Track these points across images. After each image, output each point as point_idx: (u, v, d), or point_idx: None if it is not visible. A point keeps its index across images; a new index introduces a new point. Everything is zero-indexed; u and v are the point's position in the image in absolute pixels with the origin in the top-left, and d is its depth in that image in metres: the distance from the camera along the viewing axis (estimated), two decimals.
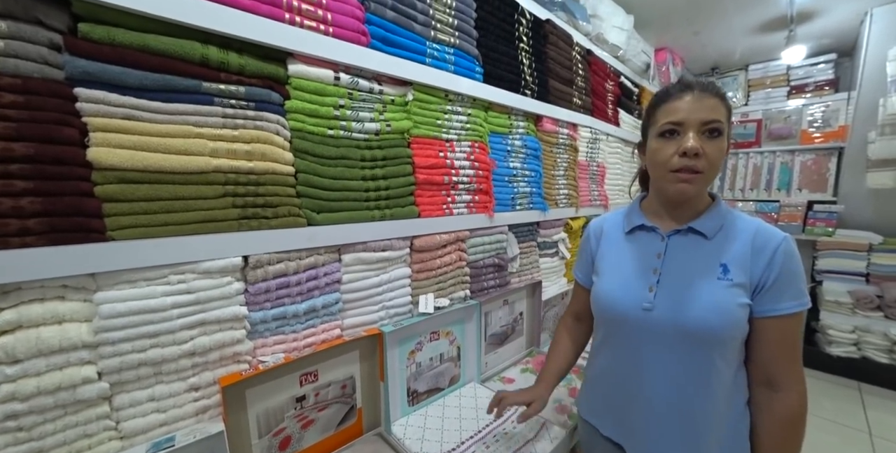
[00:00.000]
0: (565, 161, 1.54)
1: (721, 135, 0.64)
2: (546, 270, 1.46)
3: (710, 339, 0.64)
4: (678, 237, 0.71)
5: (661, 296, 0.68)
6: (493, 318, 1.22)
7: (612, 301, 0.74)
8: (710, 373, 0.65)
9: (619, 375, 0.75)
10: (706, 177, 0.64)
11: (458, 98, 1.09)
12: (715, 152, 0.63)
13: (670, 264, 0.70)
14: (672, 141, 0.65)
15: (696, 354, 0.65)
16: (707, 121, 0.63)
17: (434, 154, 1.03)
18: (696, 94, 0.64)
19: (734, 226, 0.68)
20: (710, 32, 2.51)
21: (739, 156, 3.09)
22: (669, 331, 0.66)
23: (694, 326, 0.64)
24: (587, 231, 0.88)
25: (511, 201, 1.27)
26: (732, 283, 0.63)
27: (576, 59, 1.58)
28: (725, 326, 0.62)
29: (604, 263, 0.80)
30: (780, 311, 0.62)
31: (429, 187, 1.02)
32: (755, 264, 0.63)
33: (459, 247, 1.11)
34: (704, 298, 0.64)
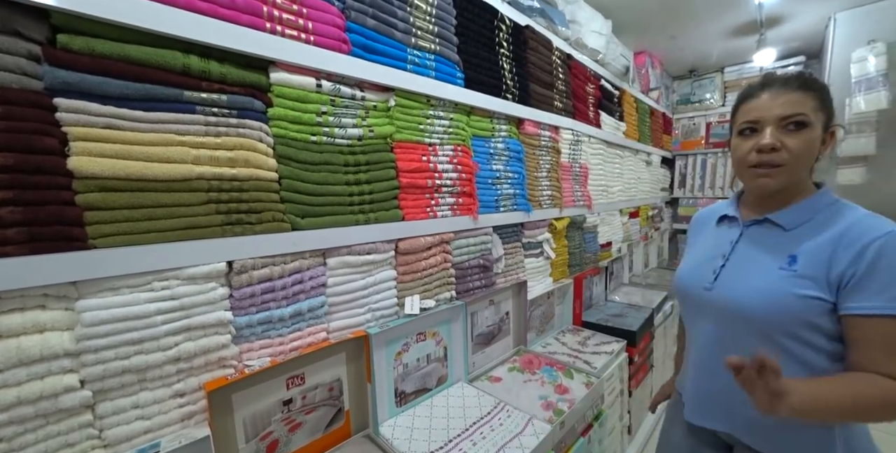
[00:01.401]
0: (548, 163, 1.57)
1: (806, 127, 0.64)
2: (531, 270, 1.49)
3: (755, 322, 0.67)
4: (755, 227, 0.75)
5: (721, 279, 0.74)
6: (479, 318, 1.24)
7: (682, 280, 0.82)
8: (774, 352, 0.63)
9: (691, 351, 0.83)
10: (789, 169, 0.66)
11: (440, 103, 1.11)
12: (798, 144, 0.64)
13: (739, 251, 0.75)
14: (750, 138, 0.69)
15: (744, 331, 0.69)
16: (785, 116, 0.65)
17: (417, 158, 1.05)
18: (774, 91, 0.67)
19: (831, 219, 0.66)
20: (685, 36, 2.59)
21: (718, 156, 3.19)
22: (719, 309, 0.72)
23: (737, 308, 0.69)
24: (691, 221, 0.96)
25: (495, 203, 1.30)
26: (796, 274, 0.64)
27: (556, 64, 1.62)
28: (770, 312, 0.64)
29: (689, 250, 0.91)
30: (863, 310, 0.59)
31: (412, 191, 1.04)
32: (838, 258, 0.61)
33: (444, 249, 1.13)
34: (755, 284, 0.68)
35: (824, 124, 0.66)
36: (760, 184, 0.69)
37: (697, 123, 3.30)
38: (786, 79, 0.68)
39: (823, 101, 0.66)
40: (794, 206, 0.71)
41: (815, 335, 0.63)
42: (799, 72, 0.69)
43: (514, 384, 1.19)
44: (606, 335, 1.62)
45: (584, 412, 1.11)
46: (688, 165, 3.35)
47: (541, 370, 1.27)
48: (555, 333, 1.65)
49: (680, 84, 3.44)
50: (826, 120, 0.67)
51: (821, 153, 0.68)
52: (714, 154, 3.20)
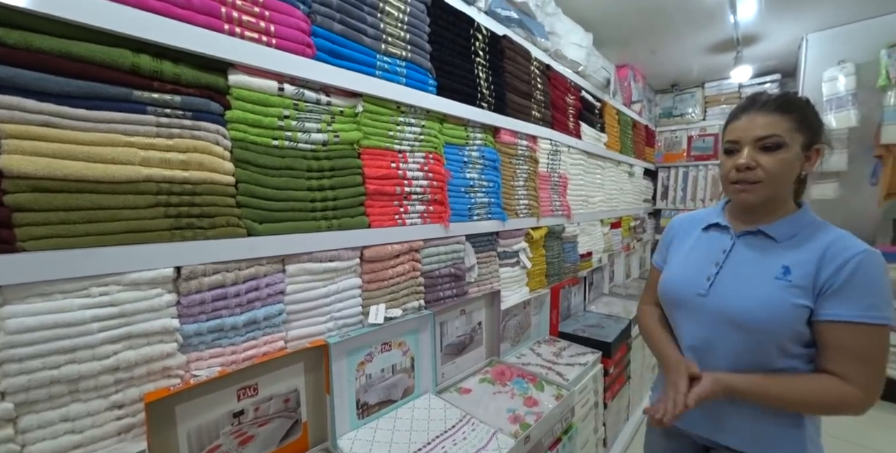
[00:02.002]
0: (525, 172, 1.58)
1: (780, 148, 0.69)
2: (506, 280, 1.48)
3: (753, 328, 0.71)
4: (748, 237, 0.79)
5: (716, 285, 0.78)
6: (449, 328, 1.22)
7: (673, 285, 0.85)
8: (747, 355, 0.73)
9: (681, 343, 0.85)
10: (766, 186, 0.71)
11: (410, 110, 1.10)
12: (772, 163, 0.70)
13: (733, 259, 0.78)
14: (732, 157, 0.75)
15: (745, 337, 0.73)
16: (759, 137, 0.70)
17: (385, 165, 1.04)
18: (752, 114, 0.72)
19: (813, 235, 0.72)
20: (666, 51, 2.66)
21: (699, 169, 3.25)
22: (714, 315, 0.76)
23: (737, 314, 0.72)
24: (670, 223, 0.99)
25: (468, 211, 1.29)
26: (791, 284, 0.69)
27: (534, 74, 1.64)
28: (769, 319, 0.69)
29: (675, 254, 0.91)
30: (836, 317, 0.65)
31: (380, 198, 1.03)
32: (822, 270, 0.67)
33: (413, 258, 1.12)
34: (755, 292, 0.72)
35: (805, 143, 0.71)
36: (740, 198, 0.75)
37: (679, 136, 3.37)
38: (765, 101, 0.72)
39: (803, 121, 0.70)
40: (784, 221, 0.75)
41: (793, 343, 0.70)
42: (783, 94, 0.73)
43: (484, 396, 1.17)
44: (582, 346, 1.61)
45: (551, 425, 1.09)
46: (670, 177, 3.40)
47: (512, 381, 1.25)
48: (530, 343, 1.64)
49: (662, 98, 3.52)
50: (807, 139, 0.71)
51: (804, 169, 0.73)
52: (695, 167, 3.26)
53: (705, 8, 2.07)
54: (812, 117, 0.72)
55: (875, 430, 1.89)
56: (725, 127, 0.79)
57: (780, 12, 2.16)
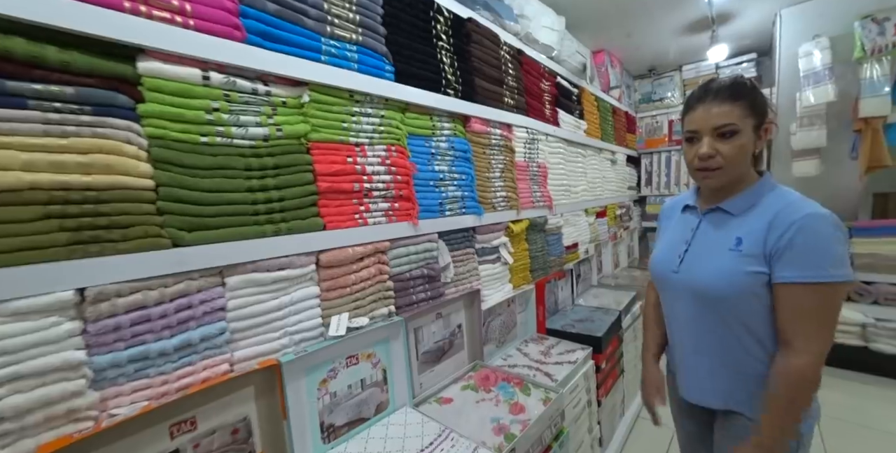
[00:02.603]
0: (501, 162, 1.49)
1: (736, 134, 0.74)
2: (487, 278, 1.39)
3: (716, 298, 0.77)
4: (711, 215, 0.85)
5: (685, 262, 0.84)
6: (425, 334, 1.13)
7: (655, 266, 0.93)
8: (723, 326, 0.79)
9: (668, 326, 0.94)
10: (726, 170, 0.77)
11: (366, 98, 1.00)
12: (730, 150, 0.75)
13: (699, 237, 0.85)
14: (693, 145, 0.80)
15: (710, 308, 0.79)
16: (717, 126, 0.75)
17: (340, 160, 0.94)
18: (706, 104, 0.76)
19: (769, 204, 0.76)
20: (641, 34, 2.59)
21: (682, 153, 3.20)
22: (687, 289, 0.83)
23: (701, 286, 0.79)
24: (661, 208, 1.04)
25: (439, 207, 1.20)
26: (742, 254, 0.74)
27: (505, 59, 1.55)
28: (728, 288, 0.75)
29: (660, 236, 1.00)
30: (783, 279, 0.70)
31: (335, 196, 0.93)
32: (769, 237, 0.72)
33: (379, 260, 1.02)
34: (713, 264, 0.78)
35: (755, 125, 0.76)
36: (705, 184, 0.83)
37: (660, 121, 3.32)
38: (717, 91, 0.76)
39: (753, 106, 0.75)
40: (740, 195, 0.81)
41: (757, 304, 0.74)
42: (731, 80, 0.77)
43: (466, 405, 1.08)
44: (571, 342, 1.54)
45: (540, 433, 1.01)
46: (653, 163, 3.36)
47: (497, 387, 1.17)
48: (517, 343, 1.56)
49: (641, 83, 3.47)
50: (757, 121, 0.76)
51: (756, 147, 0.78)
52: (678, 151, 3.22)
53: None
54: (759, 100, 0.76)
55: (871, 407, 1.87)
56: (683, 116, 0.83)
57: None
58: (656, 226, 1.06)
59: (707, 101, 0.77)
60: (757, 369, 0.77)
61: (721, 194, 0.83)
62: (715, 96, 0.76)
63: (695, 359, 0.86)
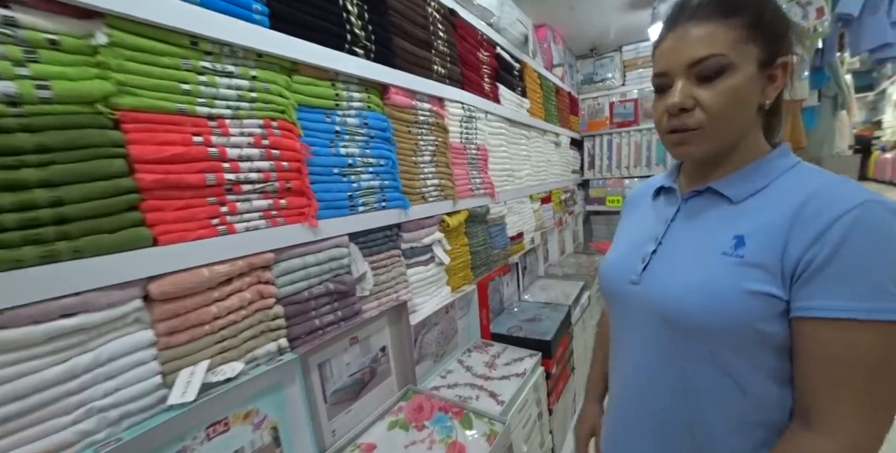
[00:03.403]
0: (431, 144, 1.24)
1: (726, 72, 0.47)
2: (418, 284, 1.16)
3: (692, 328, 0.49)
4: (696, 200, 0.58)
5: (651, 269, 0.56)
6: (334, 368, 0.88)
7: (606, 272, 0.65)
8: (696, 373, 0.50)
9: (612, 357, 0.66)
10: (711, 132, 0.50)
11: (222, 50, 0.69)
12: (715, 98, 0.48)
13: (675, 231, 0.57)
14: (663, 96, 0.53)
15: (680, 343, 0.51)
16: (692, 62, 0.49)
17: (179, 139, 0.63)
18: (682, 28, 0.50)
19: (788, 188, 0.49)
20: (584, 7, 2.43)
21: (622, 136, 3.18)
22: (648, 310, 0.55)
23: (670, 308, 0.51)
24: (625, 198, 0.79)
25: (349, 201, 0.93)
26: (743, 261, 0.47)
27: (434, 18, 1.28)
28: (712, 315, 0.47)
29: (619, 232, 0.72)
30: (820, 313, 0.41)
31: (175, 194, 0.63)
32: (795, 239, 0.43)
33: (259, 279, 0.74)
34: (694, 275, 0.50)
35: (763, 57, 0.49)
36: (680, 153, 0.54)
37: (601, 103, 3.26)
38: (696, 5, 0.49)
39: (758, 25, 0.48)
40: (743, 171, 0.53)
41: (759, 346, 0.46)
42: None
43: (393, 451, 0.86)
44: (519, 348, 1.37)
45: None
46: (595, 146, 3.31)
47: (432, 420, 0.96)
48: (459, 354, 1.36)
49: (583, 63, 3.36)
50: (766, 50, 0.48)
51: (766, 97, 0.51)
52: (619, 134, 3.19)
53: None
54: (771, 16, 0.48)
55: None
56: (654, 53, 0.56)
57: None
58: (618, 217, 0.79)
59: (682, 22, 0.50)
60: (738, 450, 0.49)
61: (713, 169, 0.56)
62: (695, 12, 0.49)
63: (638, 416, 0.58)
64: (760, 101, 0.50)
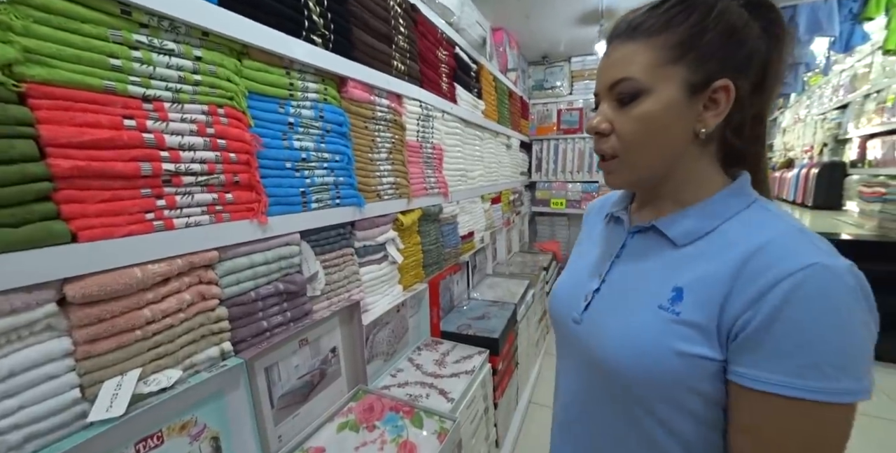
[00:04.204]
0: (388, 141, 1.22)
1: (639, 98, 0.44)
2: (371, 283, 1.14)
3: (623, 384, 0.47)
4: (640, 237, 0.53)
5: (591, 310, 0.53)
6: (282, 372, 0.84)
7: (553, 302, 0.61)
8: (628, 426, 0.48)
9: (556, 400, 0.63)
10: (626, 161, 0.48)
11: (160, 24, 0.62)
12: (627, 125, 0.46)
13: (618, 271, 0.53)
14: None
15: (611, 397, 0.49)
16: (610, 84, 0.46)
17: (107, 122, 0.56)
18: (610, 47, 0.48)
19: (736, 232, 0.44)
20: (538, 18, 2.54)
21: (568, 142, 3.38)
22: (585, 356, 0.52)
23: (601, 358, 0.48)
24: (586, 209, 0.73)
25: (302, 197, 0.88)
26: (678, 319, 0.43)
27: (395, 12, 1.25)
28: (640, 371, 0.44)
29: (574, 251, 0.68)
30: (750, 383, 0.38)
31: (97, 183, 0.55)
32: (734, 298, 0.40)
33: (200, 279, 0.68)
34: (626, 327, 0.47)
35: (694, 80, 0.43)
36: (608, 182, 0.52)
37: (550, 110, 3.43)
38: (629, 21, 0.46)
39: (687, 44, 0.43)
40: (692, 210, 0.48)
41: (695, 400, 0.43)
42: (642, 10, 0.46)
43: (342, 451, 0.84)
44: (468, 346, 1.41)
45: None
46: (543, 150, 3.48)
47: (382, 420, 0.95)
48: (409, 352, 1.37)
49: (534, 69, 3.51)
50: (697, 73, 0.43)
51: (705, 124, 0.45)
52: (564, 140, 3.38)
53: None
54: (715, 32, 0.42)
55: None
56: None
57: None
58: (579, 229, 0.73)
59: (613, 41, 0.48)
60: None
61: (662, 202, 0.51)
62: (624, 31, 0.46)
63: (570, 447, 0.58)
64: (696, 129, 0.45)
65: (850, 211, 2.62)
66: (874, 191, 2.14)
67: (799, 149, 5.79)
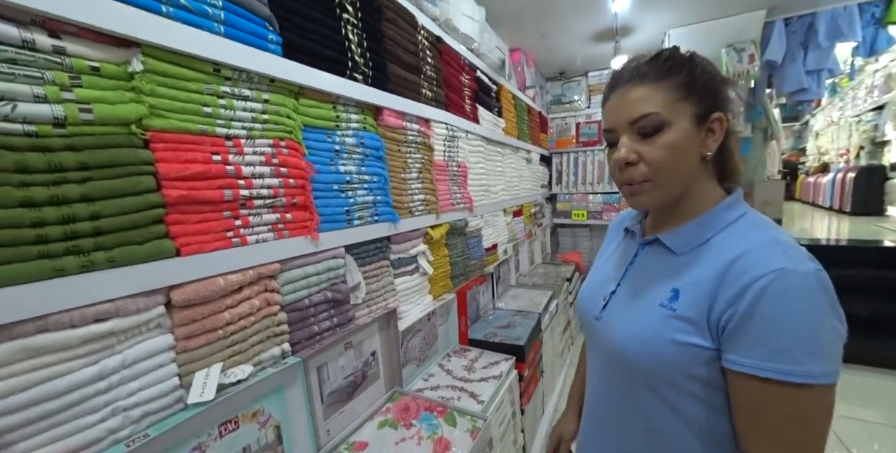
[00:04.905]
0: (418, 161, 1.33)
1: (663, 128, 0.53)
2: (405, 292, 1.24)
3: (631, 369, 0.57)
4: (649, 248, 0.64)
5: (609, 309, 0.63)
6: (331, 371, 0.94)
7: (579, 303, 0.72)
8: (643, 406, 0.57)
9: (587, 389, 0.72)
10: (658, 184, 0.55)
11: (241, 76, 0.76)
12: (656, 153, 0.53)
13: (630, 276, 0.64)
14: (613, 150, 0.58)
15: (627, 383, 0.59)
16: (632, 120, 0.54)
17: (202, 158, 0.69)
18: (620, 91, 0.56)
19: (726, 241, 0.53)
20: (554, 37, 2.65)
21: (587, 154, 3.43)
22: (605, 348, 0.62)
23: (614, 347, 0.59)
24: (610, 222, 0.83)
25: (346, 215, 1.00)
26: (674, 314, 0.53)
27: (423, 45, 1.38)
28: (646, 360, 0.54)
29: (596, 260, 0.79)
30: (733, 366, 0.47)
31: (196, 208, 0.68)
32: (720, 297, 0.49)
33: (266, 288, 0.79)
34: (634, 322, 0.57)
35: (698, 114, 0.54)
36: (634, 203, 0.59)
37: (569, 123, 3.50)
38: (633, 69, 0.55)
39: (689, 85, 0.53)
40: (688, 225, 0.58)
41: (694, 384, 0.52)
42: (654, 55, 0.56)
43: (384, 449, 0.93)
44: (495, 353, 1.48)
45: None
46: (563, 163, 3.54)
47: (418, 419, 1.03)
48: (439, 358, 1.44)
49: (552, 85, 3.60)
50: (699, 107, 0.53)
51: (707, 148, 0.55)
52: (584, 152, 3.43)
53: None
54: (701, 77, 0.54)
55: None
56: (602, 112, 0.62)
57: (648, 5, 2.26)
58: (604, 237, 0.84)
59: (622, 84, 0.55)
60: None
61: (667, 218, 0.61)
62: (630, 78, 0.55)
63: (600, 438, 0.67)
64: (703, 153, 0.55)
65: (892, 216, 2.52)
66: None
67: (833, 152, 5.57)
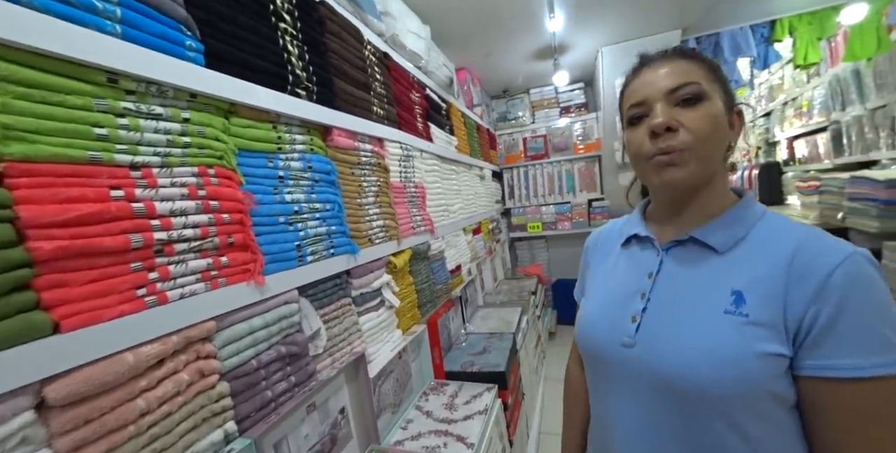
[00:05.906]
0: (374, 184, 1.21)
1: (703, 100, 0.49)
2: (371, 331, 1.09)
3: (707, 398, 0.44)
4: (678, 250, 0.54)
5: (645, 330, 0.52)
6: (292, 446, 0.76)
7: (588, 332, 0.60)
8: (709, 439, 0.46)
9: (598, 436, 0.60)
10: (697, 154, 0.49)
11: (150, 89, 0.60)
12: (698, 120, 0.48)
13: (664, 287, 0.53)
14: (641, 125, 0.52)
15: (687, 416, 0.46)
16: (674, 87, 0.50)
17: (93, 194, 0.51)
18: (655, 64, 0.53)
19: (766, 236, 0.49)
20: (497, 56, 2.70)
21: (536, 167, 3.51)
22: (648, 378, 0.50)
23: (676, 376, 0.46)
24: (585, 243, 0.73)
25: (297, 251, 0.84)
26: (748, 320, 0.44)
27: (371, 61, 1.29)
28: (725, 384, 0.43)
29: (591, 283, 0.67)
30: (835, 372, 0.40)
31: (85, 263, 0.50)
32: (795, 295, 0.43)
33: (198, 355, 0.62)
34: (700, 338, 0.46)
35: (725, 101, 0.52)
36: (667, 177, 0.51)
37: (516, 138, 3.58)
38: (666, 50, 0.55)
39: (716, 71, 0.53)
40: (722, 219, 0.52)
41: (771, 403, 0.44)
42: (676, 46, 0.55)
43: None
44: (475, 383, 1.35)
45: None
46: (514, 177, 3.59)
47: None
48: (416, 399, 1.29)
49: (497, 102, 3.69)
50: (725, 95, 0.52)
51: (731, 139, 0.53)
52: (532, 166, 3.52)
53: (529, 15, 2.12)
54: (720, 71, 0.54)
55: None
56: (621, 95, 0.58)
57: (582, 25, 2.39)
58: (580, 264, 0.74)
59: (657, 61, 0.53)
60: None
61: (690, 216, 0.54)
62: (666, 55, 0.53)
63: None
64: (728, 141, 0.52)
65: (792, 204, 2.86)
66: (809, 185, 2.36)
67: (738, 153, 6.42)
